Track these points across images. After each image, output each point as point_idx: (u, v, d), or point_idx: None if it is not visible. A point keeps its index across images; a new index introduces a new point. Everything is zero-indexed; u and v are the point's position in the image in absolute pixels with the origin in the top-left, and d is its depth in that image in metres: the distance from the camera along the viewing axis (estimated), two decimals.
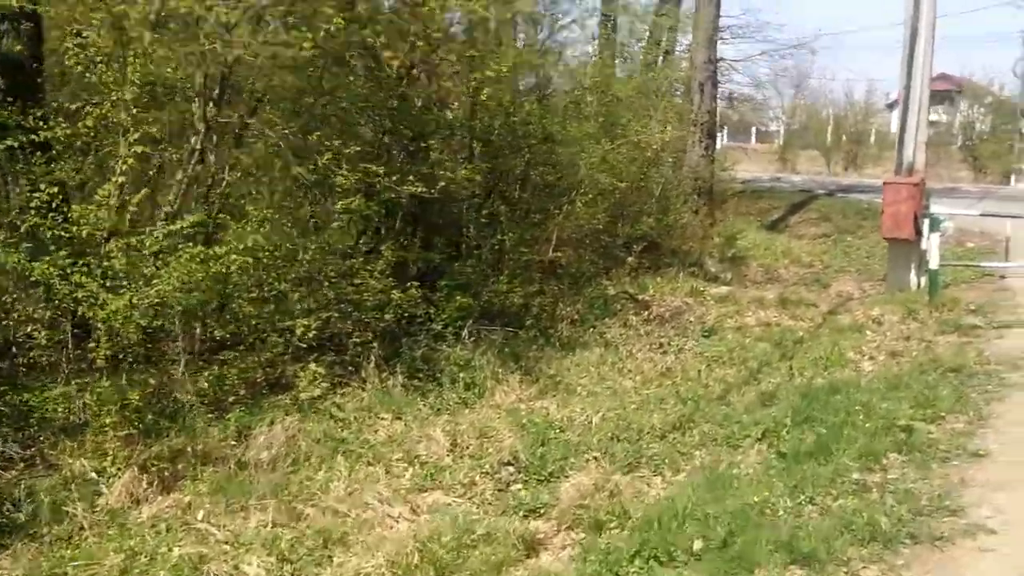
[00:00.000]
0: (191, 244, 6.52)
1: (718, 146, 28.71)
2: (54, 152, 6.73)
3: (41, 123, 6.56)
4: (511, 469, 6.50)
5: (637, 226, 13.36)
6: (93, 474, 5.78)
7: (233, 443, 6.46)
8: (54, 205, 6.37)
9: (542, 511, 5.80)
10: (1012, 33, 44.81)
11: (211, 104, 7.63)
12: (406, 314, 8.26)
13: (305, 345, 7.49)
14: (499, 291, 9.85)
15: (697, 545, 4.68)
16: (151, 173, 7.58)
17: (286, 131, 8.23)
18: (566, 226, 11.52)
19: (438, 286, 8.99)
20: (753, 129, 52.47)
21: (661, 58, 20.09)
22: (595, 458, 6.62)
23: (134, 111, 6.63)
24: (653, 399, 8.21)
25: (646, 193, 15.00)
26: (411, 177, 8.08)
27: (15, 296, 6.70)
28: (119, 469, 5.77)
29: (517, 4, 11.76)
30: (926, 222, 11.34)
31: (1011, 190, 27.89)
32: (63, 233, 6.28)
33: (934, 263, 10.88)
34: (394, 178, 7.67)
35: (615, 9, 18.48)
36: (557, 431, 7.23)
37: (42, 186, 6.40)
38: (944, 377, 7.37)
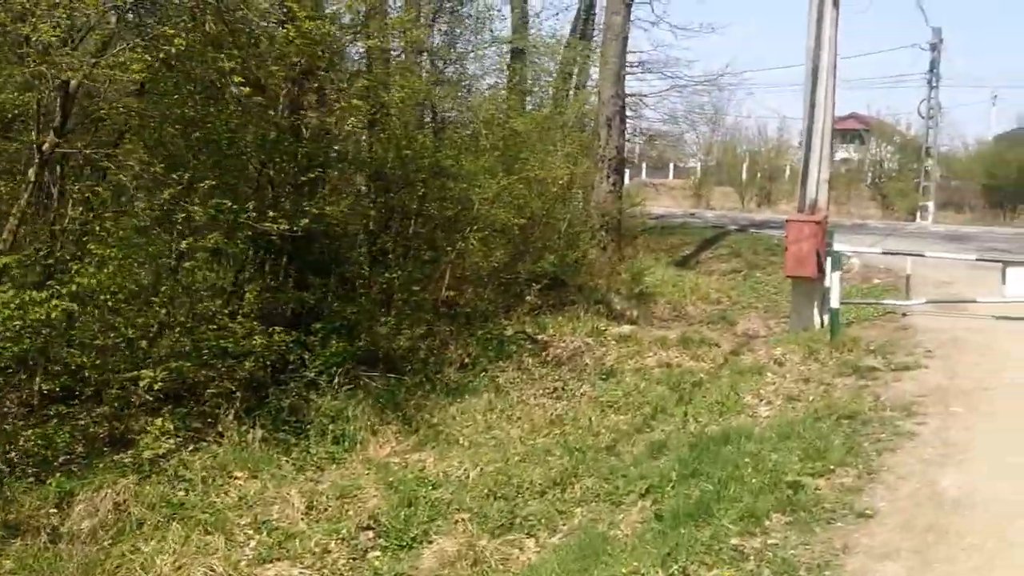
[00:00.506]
0: (8, 287, 5.76)
1: (631, 181, 28.75)
2: None
3: None
4: (370, 534, 5.92)
5: (540, 263, 12.92)
6: None
7: (52, 511, 5.70)
8: None
9: None
10: (918, 74, 46.12)
11: (52, 132, 6.92)
12: (271, 361, 7.59)
13: (152, 397, 6.77)
14: (384, 333, 9.27)
15: None
16: None
17: (148, 163, 7.55)
18: (462, 264, 11.02)
19: (313, 329, 8.35)
20: (671, 165, 53.25)
21: (572, 93, 19.93)
22: (465, 520, 6.06)
23: None
24: (539, 450, 7.71)
25: (552, 229, 14.64)
26: (278, 212, 7.45)
27: None
28: None
29: (410, 34, 11.37)
30: (828, 260, 11.15)
31: (916, 227, 28.46)
32: None
33: (835, 302, 10.67)
34: (254, 214, 7.01)
35: (523, 42, 18.25)
36: (429, 488, 6.65)
37: None
38: (838, 425, 7.02)
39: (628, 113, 20.56)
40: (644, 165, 56.58)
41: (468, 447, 7.83)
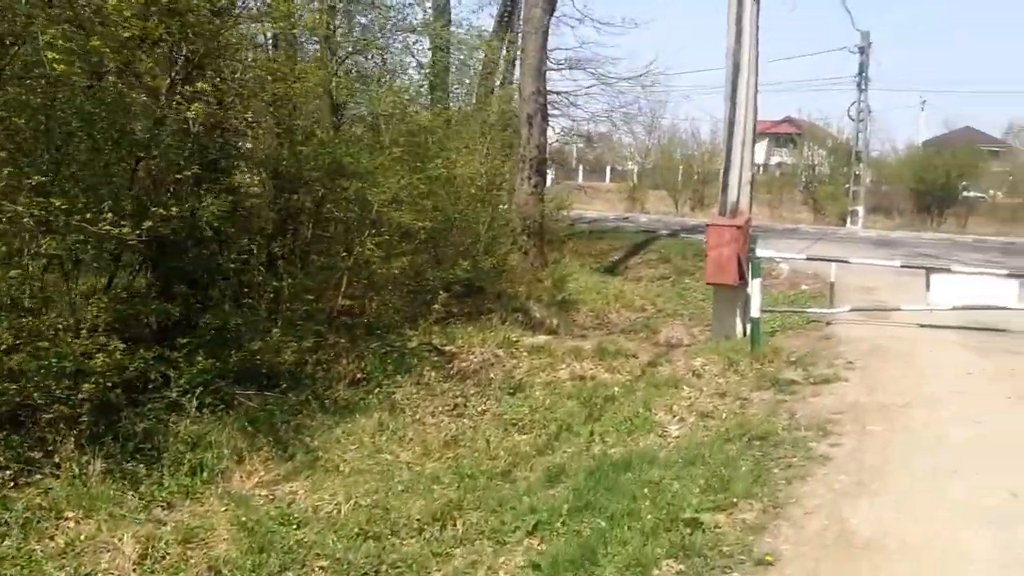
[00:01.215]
0: None
1: (560, 184, 28.16)
2: None
3: None
4: None
5: (453, 270, 12.19)
6: None
7: None
8: None
9: None
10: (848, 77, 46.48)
11: None
12: (123, 380, 6.70)
13: None
14: (267, 346, 8.44)
15: None
16: None
17: None
18: (368, 271, 10.23)
19: (179, 344, 7.48)
20: (608, 168, 53.00)
21: (496, 90, 19.26)
22: (324, 568, 5.30)
23: None
24: (427, 477, 6.98)
25: (468, 233, 13.92)
26: (118, 214, 6.55)
27: None
28: None
29: (310, 19, 10.57)
30: (750, 267, 10.64)
31: (846, 232, 28.46)
32: None
33: (755, 311, 10.15)
34: (88, 215, 6.12)
35: (442, 37, 17.50)
36: (292, 528, 5.87)
37: None
38: (748, 447, 6.44)
39: (556, 112, 20.06)
40: (581, 168, 56.54)
41: (348, 475, 7.05)
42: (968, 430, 6.56)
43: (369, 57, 15.80)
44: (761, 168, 56.00)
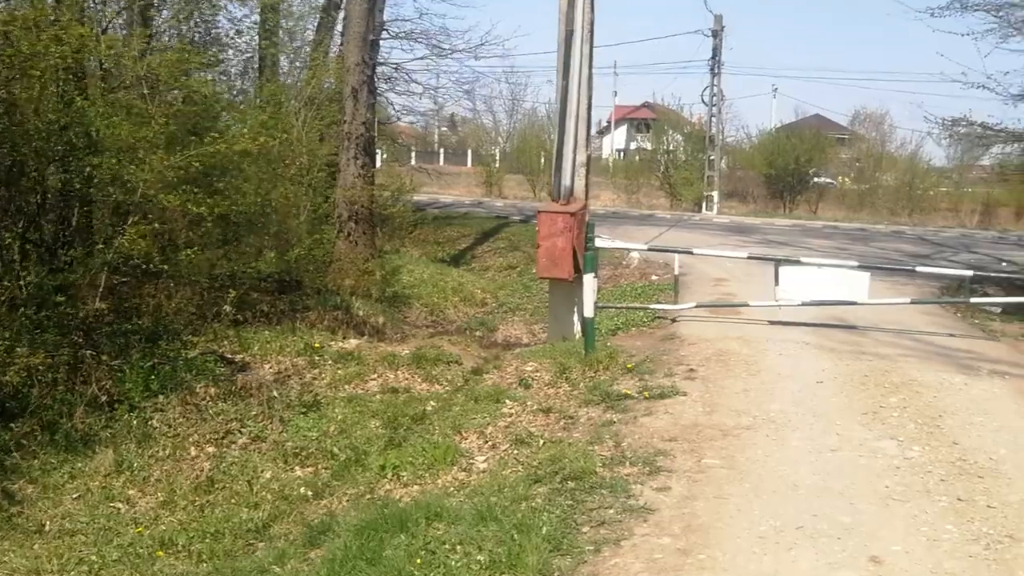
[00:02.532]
0: None
1: (405, 165, 26.58)
2: None
3: None
4: None
5: (254, 263, 10.51)
6: None
7: None
8: None
9: None
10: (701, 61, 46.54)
11: None
12: None
13: None
14: None
15: None
16: None
17: None
18: (122, 265, 8.46)
19: None
20: (469, 152, 51.74)
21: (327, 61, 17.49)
22: None
23: None
24: (156, 539, 5.40)
25: (287, 220, 12.22)
26: None
27: None
28: None
29: None
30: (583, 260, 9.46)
31: (701, 218, 28.10)
32: None
33: (588, 310, 8.96)
34: None
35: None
36: None
37: None
38: (558, 493, 5.17)
39: (385, 88, 18.52)
40: (442, 151, 55.11)
41: (53, 537, 5.41)
42: (819, 464, 5.50)
43: (192, 25, 13.96)
44: (622, 153, 56.18)
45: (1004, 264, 17.93)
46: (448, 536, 4.67)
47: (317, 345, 9.38)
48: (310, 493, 6.22)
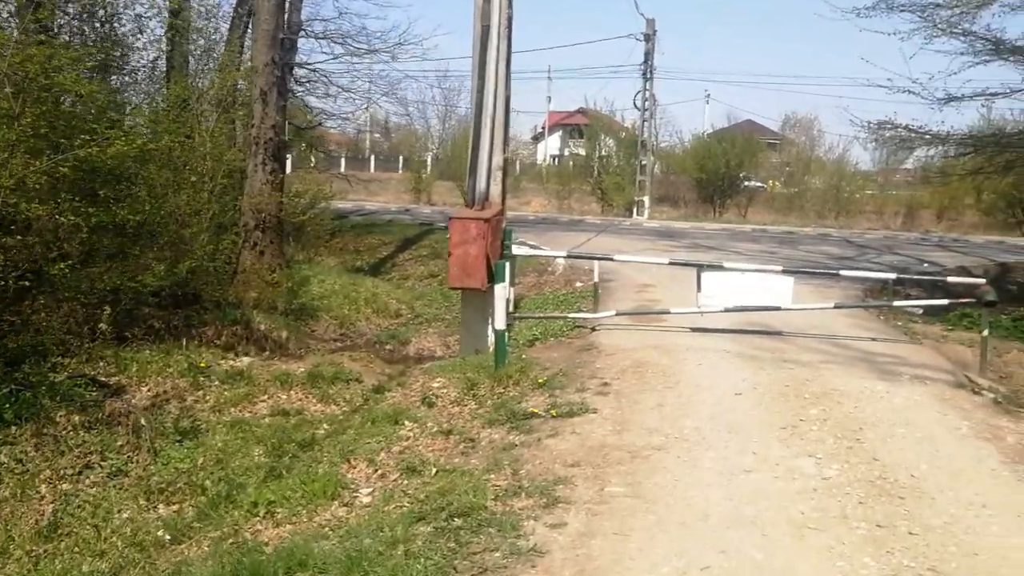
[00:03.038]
0: None
1: (325, 173, 25.78)
2: None
3: None
4: None
5: (140, 277, 9.66)
6: None
7: None
8: None
9: None
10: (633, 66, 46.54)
11: None
12: None
13: None
14: None
15: None
16: None
17: None
18: None
19: None
20: (401, 159, 50.89)
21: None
22: None
23: None
24: None
25: (175, 230, 11.35)
26: None
27: None
28: None
29: None
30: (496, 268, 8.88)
31: (631, 223, 27.80)
32: None
33: (500, 322, 8.37)
34: None
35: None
36: None
37: None
38: (440, 534, 4.54)
39: (301, 90, 17.75)
40: (373, 157, 54.17)
41: None
42: (732, 488, 4.98)
43: (97, 26, 13.07)
44: (556, 160, 55.87)
45: (926, 265, 17.91)
46: None
47: (203, 364, 8.63)
48: (168, 537, 5.48)
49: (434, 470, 5.82)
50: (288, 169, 18.46)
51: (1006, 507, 4.67)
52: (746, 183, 34.46)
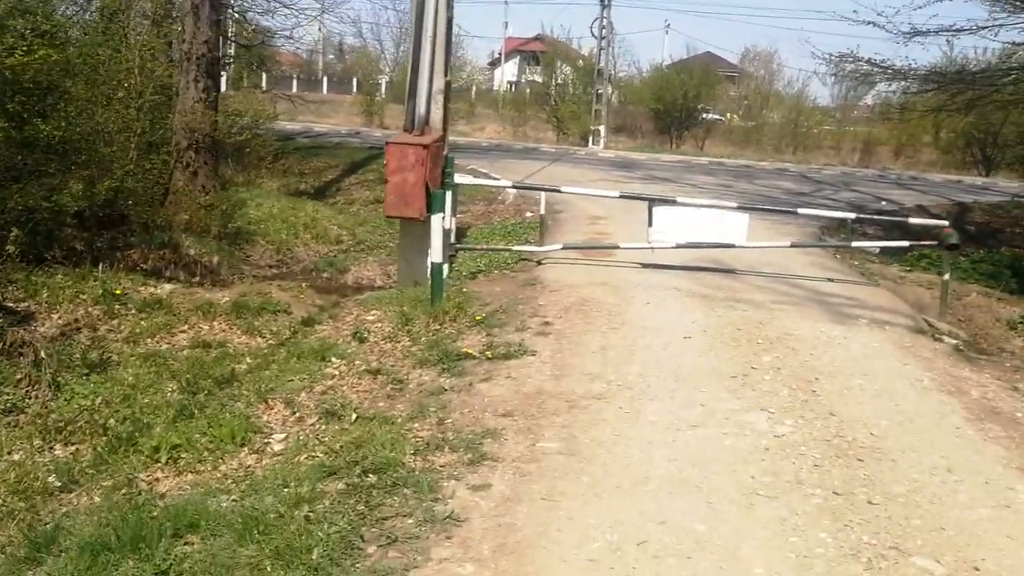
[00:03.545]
0: None
1: (270, 90, 24.75)
2: None
3: None
4: None
5: (56, 196, 8.90)
6: None
7: None
8: None
9: None
10: None
11: None
12: None
13: None
14: None
15: None
16: None
17: None
18: None
19: None
20: (355, 80, 49.29)
21: None
22: None
23: None
24: None
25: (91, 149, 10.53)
26: None
27: None
28: None
29: None
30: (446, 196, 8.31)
31: (586, 152, 27.20)
32: None
33: (436, 254, 7.83)
34: None
35: None
36: None
37: None
38: (350, 493, 4.08)
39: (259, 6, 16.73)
40: (325, 79, 52.43)
41: None
42: (677, 446, 4.58)
43: None
44: (512, 86, 54.68)
45: (884, 203, 17.68)
46: (194, 561, 3.55)
47: (118, 291, 7.98)
48: (58, 484, 4.96)
49: (354, 416, 5.34)
50: (224, 87, 17.47)
51: (973, 472, 4.34)
52: (704, 115, 33.94)
